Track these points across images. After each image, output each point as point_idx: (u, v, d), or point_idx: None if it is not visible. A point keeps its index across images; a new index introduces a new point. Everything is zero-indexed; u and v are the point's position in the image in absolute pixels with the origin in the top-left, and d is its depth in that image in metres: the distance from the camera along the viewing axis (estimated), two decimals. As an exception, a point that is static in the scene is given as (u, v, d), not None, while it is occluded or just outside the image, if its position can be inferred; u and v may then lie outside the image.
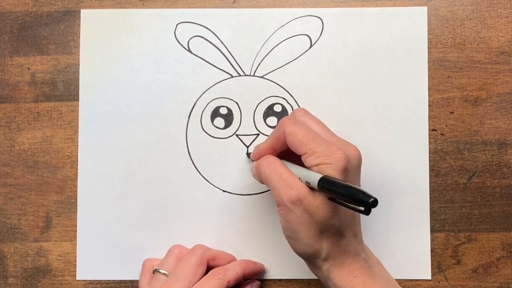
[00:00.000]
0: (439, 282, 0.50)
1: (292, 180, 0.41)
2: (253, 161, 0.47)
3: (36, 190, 0.51)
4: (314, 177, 0.40)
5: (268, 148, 0.45)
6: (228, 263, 0.48)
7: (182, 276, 0.44)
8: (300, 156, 0.43)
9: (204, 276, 0.45)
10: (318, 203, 0.40)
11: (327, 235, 0.41)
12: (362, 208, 0.37)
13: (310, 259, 0.42)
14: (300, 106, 0.50)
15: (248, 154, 0.50)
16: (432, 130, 0.50)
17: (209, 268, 0.46)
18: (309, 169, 0.42)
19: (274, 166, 0.43)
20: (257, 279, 0.50)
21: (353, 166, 0.42)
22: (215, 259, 0.47)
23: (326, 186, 0.39)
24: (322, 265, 0.42)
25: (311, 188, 0.41)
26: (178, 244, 0.49)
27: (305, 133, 0.42)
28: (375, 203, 0.36)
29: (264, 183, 0.44)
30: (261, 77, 0.51)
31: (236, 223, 0.50)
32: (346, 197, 0.37)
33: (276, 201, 0.42)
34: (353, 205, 0.38)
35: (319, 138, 0.42)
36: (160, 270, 0.47)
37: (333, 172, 0.40)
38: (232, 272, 0.46)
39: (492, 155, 0.50)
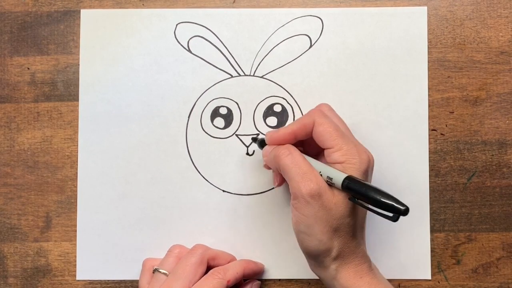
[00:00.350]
0: (439, 282, 0.50)
1: (313, 174, 0.41)
2: (260, 146, 0.46)
3: (36, 190, 0.51)
4: (338, 175, 0.40)
5: (290, 134, 0.44)
6: (228, 263, 0.48)
7: (182, 276, 0.44)
8: (318, 151, 0.42)
9: (204, 276, 0.45)
10: (337, 200, 0.40)
11: (340, 234, 0.41)
12: (391, 214, 0.36)
13: (320, 257, 0.42)
14: (300, 106, 0.50)
15: (254, 140, 0.50)
16: (432, 130, 0.50)
17: (209, 268, 0.46)
18: (330, 165, 0.41)
19: (295, 157, 0.42)
20: (257, 279, 0.50)
21: (371, 169, 0.42)
22: (215, 259, 0.47)
23: (352, 186, 0.38)
24: (331, 264, 0.42)
25: (331, 185, 0.41)
26: (178, 244, 0.49)
27: (335, 128, 0.42)
28: (406, 211, 0.35)
29: (279, 172, 0.43)
30: (261, 77, 0.51)
31: (236, 223, 0.50)
32: (375, 201, 0.37)
33: (294, 193, 0.41)
34: (379, 210, 0.37)
35: (347, 136, 0.42)
36: (160, 270, 0.47)
37: (356, 173, 0.40)
38: (232, 272, 0.46)
39: (492, 155, 0.50)
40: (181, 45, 0.51)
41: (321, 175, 0.41)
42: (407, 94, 0.50)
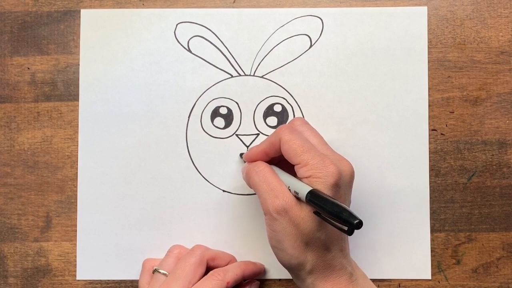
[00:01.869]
0: (439, 282, 0.50)
1: (280, 190, 0.41)
2: (245, 162, 0.47)
3: (36, 190, 0.51)
4: (303, 189, 0.40)
5: (261, 152, 0.45)
6: (228, 263, 0.48)
7: (182, 276, 0.44)
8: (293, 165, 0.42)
9: (204, 277, 0.45)
10: (304, 215, 0.40)
11: (312, 248, 0.41)
12: (346, 228, 0.36)
13: (295, 270, 0.42)
14: (300, 106, 0.50)
15: (241, 155, 0.50)
16: (432, 130, 0.50)
17: (209, 269, 0.46)
18: (300, 180, 0.41)
19: (263, 174, 0.43)
20: (257, 279, 0.50)
21: (344, 182, 0.42)
22: (215, 260, 0.47)
23: (313, 200, 0.39)
24: (307, 277, 0.42)
25: (299, 199, 0.41)
26: (178, 244, 0.49)
27: (300, 144, 0.42)
28: (359, 225, 0.36)
29: (252, 189, 0.44)
30: (261, 77, 0.51)
31: (236, 223, 0.50)
32: (332, 214, 0.37)
33: (263, 209, 0.42)
34: (337, 223, 0.37)
35: (314, 150, 0.42)
36: (160, 270, 0.47)
37: (323, 186, 0.40)
38: (231, 273, 0.46)
39: (492, 155, 0.50)
40: (181, 45, 0.51)
41: (291, 190, 0.41)
42: (407, 94, 0.50)
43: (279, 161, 0.45)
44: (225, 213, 0.50)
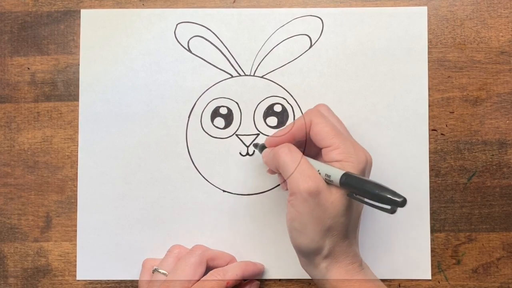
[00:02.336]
0: (439, 282, 0.50)
1: (312, 171, 0.41)
2: (260, 151, 0.47)
3: (36, 190, 0.51)
4: (336, 172, 0.40)
5: (288, 135, 0.44)
6: (228, 263, 0.48)
7: (181, 276, 0.44)
8: (316, 152, 0.43)
9: (204, 277, 0.45)
10: (334, 199, 0.40)
11: (333, 233, 0.41)
12: (388, 207, 0.37)
13: (311, 255, 0.42)
14: (300, 106, 0.50)
15: (256, 145, 0.49)
16: (432, 130, 0.50)
17: (209, 269, 0.47)
18: (328, 163, 0.41)
19: (295, 154, 0.42)
20: (257, 279, 0.50)
21: (368, 169, 0.42)
22: (215, 260, 0.47)
23: (350, 182, 0.39)
24: (321, 262, 0.42)
25: (329, 184, 0.41)
26: (178, 244, 0.49)
27: (332, 127, 0.42)
28: (404, 202, 0.36)
29: (278, 171, 0.43)
30: (261, 77, 0.51)
31: (236, 223, 0.50)
32: (373, 195, 0.37)
33: (291, 189, 0.41)
34: (377, 203, 0.38)
35: (344, 135, 0.42)
36: (160, 270, 0.47)
37: (354, 171, 0.40)
38: (231, 274, 0.46)
39: (492, 155, 0.50)
40: (181, 45, 0.51)
41: (321, 174, 0.41)
42: (407, 94, 0.50)
43: (299, 146, 0.45)
44: (225, 213, 0.50)
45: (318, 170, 0.41)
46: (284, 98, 0.51)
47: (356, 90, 0.50)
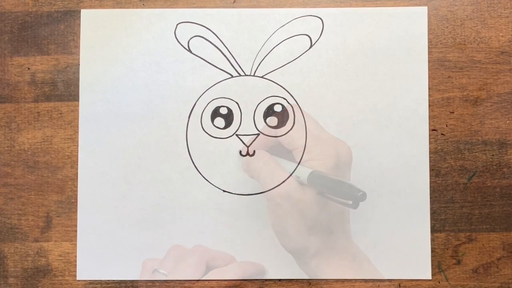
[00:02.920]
0: (439, 282, 0.50)
1: (282, 175, 0.42)
2: (243, 156, 0.47)
3: (36, 190, 0.51)
4: (304, 172, 0.40)
5: (259, 141, 0.45)
6: (228, 263, 0.48)
7: (181, 276, 0.45)
8: (290, 151, 0.43)
9: (204, 277, 0.45)
10: (307, 199, 0.41)
11: (315, 231, 0.41)
12: (350, 202, 0.37)
13: (299, 255, 0.43)
14: (300, 106, 0.50)
15: (241, 152, 0.50)
16: (432, 130, 0.50)
17: (208, 269, 0.47)
18: (300, 164, 0.42)
19: (264, 160, 0.43)
20: (257, 279, 0.50)
21: (343, 163, 0.43)
22: (215, 260, 0.47)
23: (315, 180, 0.39)
24: (311, 261, 0.42)
25: (301, 184, 0.41)
26: (178, 244, 0.49)
27: (297, 129, 0.43)
28: (363, 197, 0.36)
29: (253, 178, 0.44)
30: (261, 77, 0.51)
31: (236, 223, 0.50)
32: (335, 191, 0.38)
33: (265, 195, 0.42)
34: (341, 199, 0.38)
35: (311, 134, 0.43)
36: (160, 270, 0.47)
37: (324, 168, 0.41)
38: (231, 274, 0.46)
39: (493, 155, 0.50)
40: (181, 45, 0.51)
41: (293, 175, 0.42)
42: (407, 94, 0.50)
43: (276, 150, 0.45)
44: (225, 213, 0.50)
45: (290, 173, 0.42)
46: (284, 98, 0.51)
47: (356, 90, 0.50)
